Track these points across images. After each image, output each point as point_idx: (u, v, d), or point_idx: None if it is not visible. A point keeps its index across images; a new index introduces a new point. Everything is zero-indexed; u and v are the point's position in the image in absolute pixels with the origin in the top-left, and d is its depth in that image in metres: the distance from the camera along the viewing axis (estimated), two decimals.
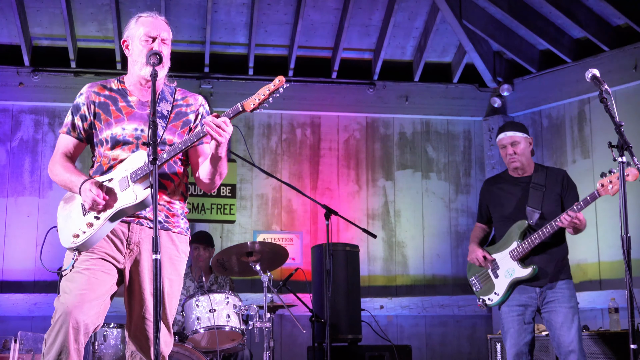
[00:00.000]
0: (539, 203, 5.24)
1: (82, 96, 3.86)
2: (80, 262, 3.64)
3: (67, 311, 3.48)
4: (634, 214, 6.46)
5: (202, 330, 5.86)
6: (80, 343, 3.51)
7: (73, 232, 3.68)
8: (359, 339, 7.14)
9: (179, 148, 3.65)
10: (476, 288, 5.44)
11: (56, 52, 8.30)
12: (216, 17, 8.17)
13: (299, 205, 8.46)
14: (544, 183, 5.30)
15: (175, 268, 3.80)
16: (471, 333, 8.47)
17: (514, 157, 5.34)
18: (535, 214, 5.22)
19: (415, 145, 8.82)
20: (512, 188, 5.40)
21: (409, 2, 8.17)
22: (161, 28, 3.83)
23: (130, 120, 3.78)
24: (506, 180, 5.49)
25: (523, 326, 5.19)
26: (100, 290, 3.61)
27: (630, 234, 3.82)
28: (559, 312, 5.10)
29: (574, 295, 5.19)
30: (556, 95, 8.35)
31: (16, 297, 7.76)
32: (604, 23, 7.97)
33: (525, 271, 5.16)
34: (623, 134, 3.89)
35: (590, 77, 4.08)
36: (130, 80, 3.89)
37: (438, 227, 8.69)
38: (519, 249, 5.18)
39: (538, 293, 5.19)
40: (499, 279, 5.28)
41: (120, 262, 3.72)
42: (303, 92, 8.55)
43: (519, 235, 5.21)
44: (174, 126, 3.84)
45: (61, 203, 3.87)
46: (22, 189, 8.09)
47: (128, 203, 3.63)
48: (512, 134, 5.36)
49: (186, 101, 3.95)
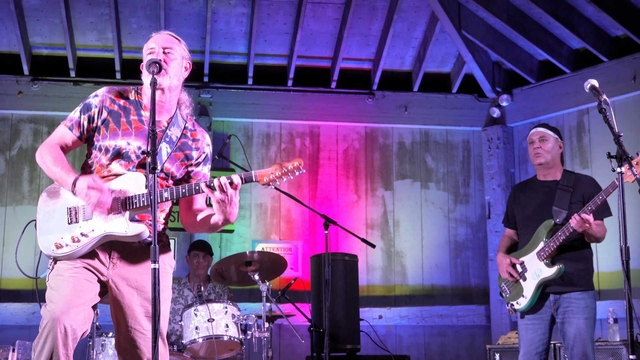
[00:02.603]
0: (566, 203, 5.18)
1: (97, 98, 3.78)
2: (64, 270, 3.57)
3: (55, 317, 3.43)
4: (633, 224, 6.45)
5: (200, 340, 5.85)
6: (69, 348, 3.47)
7: (55, 240, 3.60)
8: (358, 349, 7.13)
9: (182, 194, 3.61)
10: (506, 294, 5.34)
11: (56, 61, 8.32)
12: (215, 27, 8.18)
13: (298, 214, 8.46)
14: (572, 185, 5.26)
15: (164, 279, 3.75)
16: (470, 343, 8.46)
17: (539, 150, 5.31)
18: (562, 213, 5.15)
19: (414, 155, 8.83)
20: (538, 191, 5.35)
21: (408, 13, 8.19)
22: (163, 39, 3.82)
23: (137, 137, 3.71)
24: (533, 184, 5.45)
25: (536, 336, 5.14)
26: (85, 297, 3.56)
27: (629, 245, 3.81)
28: (573, 323, 5.04)
29: (591, 306, 5.09)
30: (555, 105, 8.36)
31: (14, 306, 7.75)
32: (603, 34, 7.99)
33: (551, 270, 5.05)
34: (622, 144, 3.89)
35: (589, 88, 4.08)
36: (144, 94, 3.84)
37: (437, 237, 8.68)
38: (545, 248, 5.09)
39: (552, 301, 5.13)
40: (527, 281, 5.19)
41: (104, 275, 3.65)
42: (302, 102, 8.56)
43: (546, 235, 5.12)
44: (176, 156, 3.80)
45: (43, 195, 3.75)
46: (20, 197, 8.08)
47: (118, 232, 3.58)
48: (543, 130, 5.35)
49: (194, 135, 3.90)
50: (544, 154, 5.31)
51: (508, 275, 5.27)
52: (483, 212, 8.69)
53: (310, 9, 8.05)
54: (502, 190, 8.50)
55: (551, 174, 5.36)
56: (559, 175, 5.35)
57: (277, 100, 8.53)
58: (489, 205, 8.60)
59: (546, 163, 5.33)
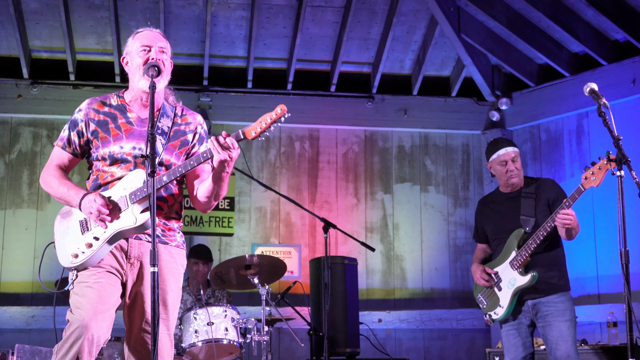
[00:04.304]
0: (532, 210, 5.23)
1: (81, 112, 3.83)
2: (88, 276, 3.62)
3: (84, 324, 3.47)
4: (633, 228, 6.45)
5: (199, 344, 5.84)
6: (92, 355, 3.52)
7: (72, 251, 3.66)
8: (357, 352, 7.12)
9: (179, 172, 3.64)
10: (482, 305, 5.41)
11: (55, 64, 8.32)
12: (215, 31, 8.19)
13: (298, 218, 8.46)
14: (534, 191, 5.31)
15: (176, 280, 3.81)
16: (470, 347, 8.45)
17: (515, 172, 5.33)
18: (530, 221, 5.20)
19: (413, 159, 8.83)
20: (504, 204, 5.40)
21: (407, 16, 8.19)
22: (157, 39, 3.83)
23: (129, 139, 3.75)
24: (497, 197, 5.50)
25: (519, 340, 5.19)
26: (110, 302, 3.62)
27: (628, 248, 3.81)
28: (554, 326, 5.08)
29: (570, 308, 5.14)
30: (554, 109, 8.36)
31: (13, 309, 7.74)
32: (603, 37, 8.00)
33: (525, 278, 5.11)
34: (621, 147, 3.89)
35: (588, 91, 4.09)
36: (130, 95, 3.86)
37: (436, 241, 8.68)
38: (518, 257, 5.14)
39: (530, 306, 5.18)
40: (502, 291, 5.25)
41: (123, 275, 3.71)
42: (302, 105, 8.55)
43: (516, 244, 5.19)
44: (172, 146, 3.82)
45: (58, 218, 3.84)
46: (20, 201, 8.08)
47: (127, 225, 3.63)
48: (513, 149, 5.36)
49: (185, 119, 3.92)
50: (518, 174, 5.36)
51: (483, 282, 5.34)
52: None
53: (310, 12, 8.06)
54: None
55: (518, 186, 5.40)
56: (522, 183, 5.40)
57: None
58: None
59: (519, 181, 5.37)
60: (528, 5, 7.70)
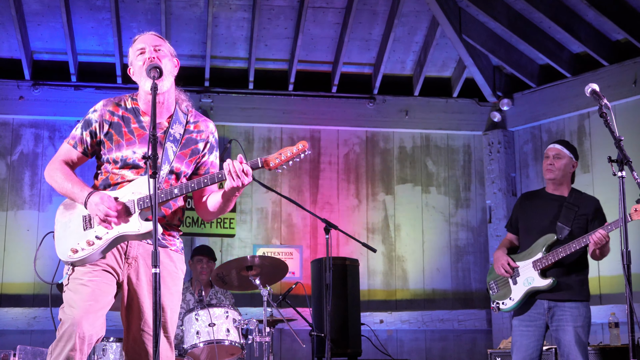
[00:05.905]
0: (570, 221, 5.29)
1: (96, 113, 3.82)
2: (84, 274, 3.62)
3: (75, 322, 3.48)
4: (634, 228, 6.46)
5: (201, 345, 5.84)
6: (84, 354, 3.52)
7: (71, 246, 3.66)
8: (359, 353, 7.12)
9: (191, 188, 3.65)
10: (493, 292, 5.49)
11: (57, 66, 8.32)
12: (216, 32, 8.19)
13: (299, 219, 8.46)
14: (577, 204, 5.36)
15: (175, 283, 3.81)
16: (471, 347, 8.45)
17: (551, 167, 5.40)
18: (565, 230, 5.27)
19: (415, 160, 8.83)
20: (545, 203, 5.45)
21: (409, 17, 8.19)
22: (150, 39, 3.84)
23: (142, 144, 3.75)
24: (541, 195, 5.54)
25: (532, 342, 5.23)
26: (104, 301, 3.61)
27: (630, 249, 3.82)
28: (567, 330, 5.13)
29: (585, 315, 5.19)
30: (556, 109, 8.36)
31: (15, 311, 7.74)
32: (604, 38, 8.00)
33: (544, 282, 5.19)
34: (623, 148, 3.90)
35: (589, 92, 4.10)
36: (141, 99, 3.86)
37: (438, 242, 8.68)
38: (543, 260, 5.22)
39: (546, 309, 5.23)
40: (517, 285, 5.32)
41: (120, 275, 3.71)
42: (303, 106, 8.56)
43: (545, 248, 5.25)
44: (183, 154, 3.82)
45: (60, 208, 3.83)
46: (21, 202, 8.09)
47: (131, 231, 3.63)
48: (560, 147, 5.43)
49: (197, 127, 3.92)
50: (555, 170, 5.41)
51: (503, 272, 5.38)
52: (484, 217, 8.69)
53: (311, 13, 8.06)
54: (503, 195, 8.51)
55: (559, 190, 5.46)
56: (567, 192, 5.45)
57: (278, 105, 8.54)
58: (489, 210, 8.61)
59: (556, 179, 5.42)
60: (529, 6, 7.70)
